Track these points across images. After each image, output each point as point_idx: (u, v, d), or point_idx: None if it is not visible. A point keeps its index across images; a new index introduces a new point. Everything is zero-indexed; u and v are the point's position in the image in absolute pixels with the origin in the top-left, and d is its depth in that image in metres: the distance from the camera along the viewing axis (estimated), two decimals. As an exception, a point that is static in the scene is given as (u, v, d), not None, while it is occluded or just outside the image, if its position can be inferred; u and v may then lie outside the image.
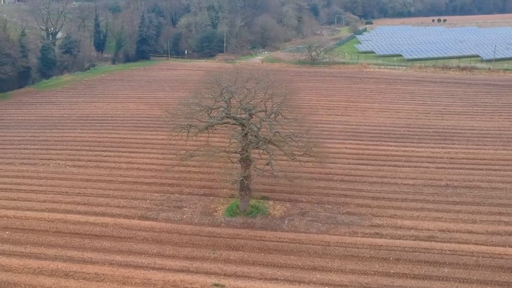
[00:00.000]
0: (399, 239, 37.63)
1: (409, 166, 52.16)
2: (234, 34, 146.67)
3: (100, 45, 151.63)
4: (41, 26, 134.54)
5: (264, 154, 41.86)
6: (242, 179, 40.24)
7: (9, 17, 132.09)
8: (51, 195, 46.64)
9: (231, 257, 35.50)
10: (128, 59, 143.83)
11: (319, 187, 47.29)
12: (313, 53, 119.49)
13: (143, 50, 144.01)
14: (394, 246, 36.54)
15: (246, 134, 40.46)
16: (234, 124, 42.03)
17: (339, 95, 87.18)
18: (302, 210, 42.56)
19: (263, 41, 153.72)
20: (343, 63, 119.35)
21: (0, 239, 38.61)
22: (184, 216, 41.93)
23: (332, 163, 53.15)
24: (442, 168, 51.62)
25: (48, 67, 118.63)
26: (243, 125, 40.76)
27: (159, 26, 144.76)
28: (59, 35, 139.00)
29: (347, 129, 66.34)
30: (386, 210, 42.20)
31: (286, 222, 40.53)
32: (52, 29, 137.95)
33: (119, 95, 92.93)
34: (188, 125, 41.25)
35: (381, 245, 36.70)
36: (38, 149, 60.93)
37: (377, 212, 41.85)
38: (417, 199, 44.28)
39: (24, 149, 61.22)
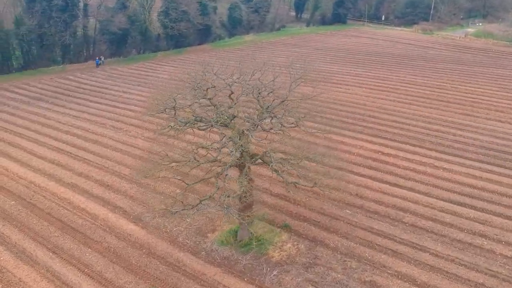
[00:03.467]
0: None
1: (540, 227, 33.27)
2: (446, 0, 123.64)
3: (300, 6, 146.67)
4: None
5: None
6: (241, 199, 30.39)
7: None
8: (90, 168, 43.95)
9: (160, 307, 26.92)
10: (324, 22, 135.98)
11: (370, 229, 33.42)
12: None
13: (339, 13, 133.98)
14: None
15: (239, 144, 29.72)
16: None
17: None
18: (314, 260, 30.29)
19: (484, 9, 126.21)
20: None
21: (-1, 209, 37.51)
22: (175, 229, 34.13)
23: (424, 193, 37.84)
24: None
25: (233, 26, 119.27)
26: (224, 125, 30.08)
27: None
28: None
29: (493, 144, 47.08)
30: (430, 297, 26.93)
31: (274, 273, 29.22)
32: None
33: (265, 63, 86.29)
34: (169, 126, 32.06)
35: None
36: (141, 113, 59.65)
37: (414, 296, 27.01)
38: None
39: (131, 110, 60.75)
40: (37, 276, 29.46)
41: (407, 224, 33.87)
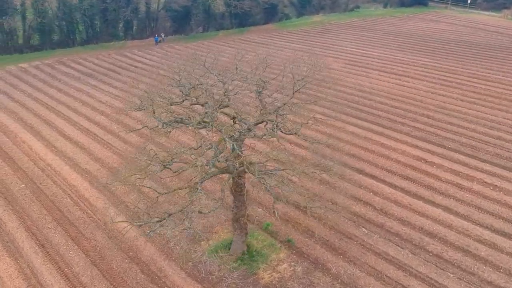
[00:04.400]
0: None
1: None
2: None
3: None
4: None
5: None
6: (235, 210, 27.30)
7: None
8: (108, 154, 42.49)
9: (122, 324, 24.49)
10: (402, 4, 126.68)
11: (384, 255, 28.78)
12: None
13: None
14: None
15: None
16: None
17: None
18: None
19: None
20: None
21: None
22: (168, 232, 31.55)
23: (461, 215, 32.43)
24: None
25: (302, 5, 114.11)
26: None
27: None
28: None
29: None
30: None
31: (258, 298, 25.77)
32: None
33: (327, 47, 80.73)
34: (145, 126, 29.04)
35: None
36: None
37: None
38: None
39: (172, 93, 58.93)
40: (15, 271, 28.17)
41: (430, 254, 28.82)
